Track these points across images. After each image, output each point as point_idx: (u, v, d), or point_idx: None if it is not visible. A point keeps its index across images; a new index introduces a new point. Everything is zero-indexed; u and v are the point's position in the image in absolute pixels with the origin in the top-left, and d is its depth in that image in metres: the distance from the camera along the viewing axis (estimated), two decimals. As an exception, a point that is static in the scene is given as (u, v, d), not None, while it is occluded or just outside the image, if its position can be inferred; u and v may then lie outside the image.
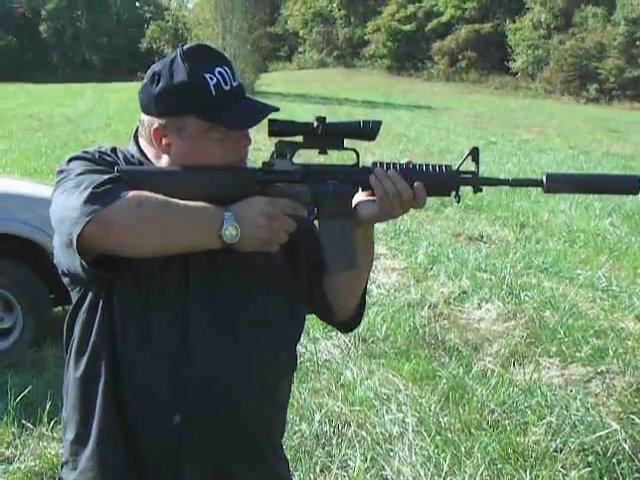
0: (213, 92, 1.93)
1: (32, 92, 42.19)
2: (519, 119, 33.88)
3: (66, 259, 1.86)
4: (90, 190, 1.76)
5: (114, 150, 2.05)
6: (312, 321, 5.74)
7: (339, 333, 6.04)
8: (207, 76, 1.93)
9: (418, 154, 18.68)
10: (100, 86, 49.48)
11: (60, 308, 6.48)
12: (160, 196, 1.82)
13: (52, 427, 4.67)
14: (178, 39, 60.10)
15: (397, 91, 52.48)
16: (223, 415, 1.97)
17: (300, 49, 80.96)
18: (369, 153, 15.82)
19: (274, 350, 2.07)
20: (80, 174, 1.85)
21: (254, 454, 2.07)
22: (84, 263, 1.79)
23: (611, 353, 6.00)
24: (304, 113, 27.05)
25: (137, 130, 2.07)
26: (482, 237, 10.46)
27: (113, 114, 27.69)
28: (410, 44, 67.99)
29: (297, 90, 49.15)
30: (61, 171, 1.92)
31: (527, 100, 50.45)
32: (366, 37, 71.93)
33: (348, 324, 2.30)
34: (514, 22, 61.55)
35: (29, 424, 4.72)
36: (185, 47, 1.98)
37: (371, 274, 2.27)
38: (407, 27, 68.45)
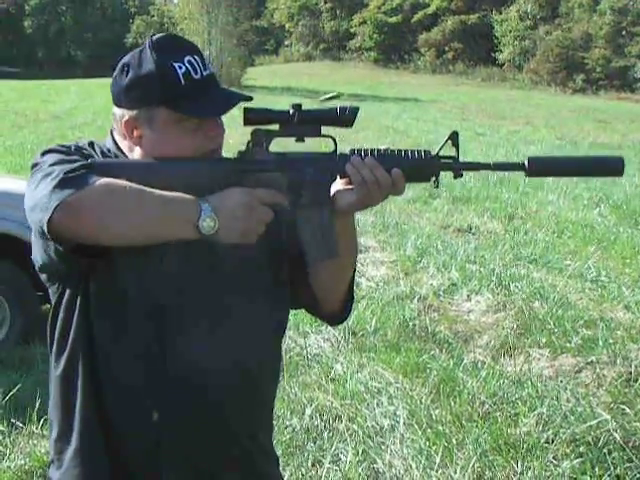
0: (182, 81, 1.90)
1: (17, 88, 41.98)
2: (506, 110, 33.94)
3: (40, 249, 1.85)
4: (61, 176, 1.73)
5: (91, 144, 2.03)
6: (302, 315, 5.73)
7: (329, 327, 6.03)
8: (176, 65, 1.90)
9: (406, 146, 18.49)
10: (85, 82, 49.25)
11: (48, 306, 6.46)
12: (134, 184, 1.78)
13: (42, 425, 4.64)
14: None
15: (384, 84, 52.46)
16: (201, 413, 1.96)
17: (286, 42, 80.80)
18: (356, 145, 15.78)
19: (254, 347, 2.04)
20: (52, 164, 1.82)
21: (235, 453, 2.05)
22: (59, 248, 1.77)
23: (601, 343, 6.01)
24: (291, 107, 26.97)
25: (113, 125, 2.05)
26: (470, 229, 10.47)
27: (99, 110, 27.55)
28: (396, 36, 67.89)
29: (284, 84, 49.07)
30: (35, 164, 1.89)
31: (514, 91, 50.48)
32: (352, 30, 71.79)
33: (336, 317, 2.26)
34: (500, 13, 61.53)
35: (18, 422, 4.70)
36: (154, 37, 1.96)
37: (360, 267, 2.25)
38: (393, 19, 68.33)
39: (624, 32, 53.38)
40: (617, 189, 12.85)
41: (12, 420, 4.73)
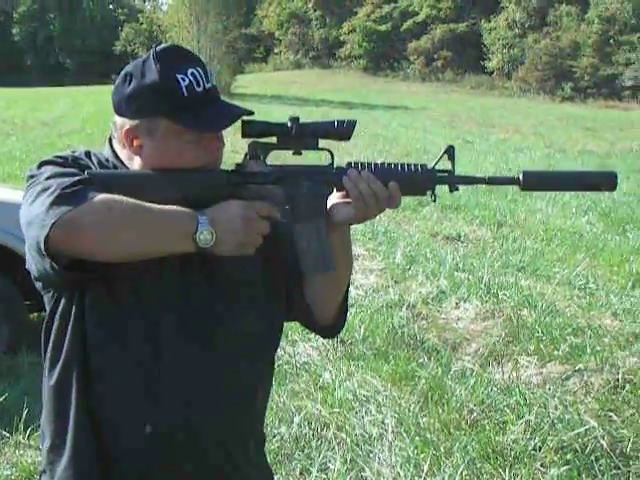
0: (185, 93, 1.89)
1: (5, 96, 41.87)
2: (495, 118, 34.04)
3: (36, 263, 1.82)
4: (58, 192, 1.72)
5: (88, 154, 2.01)
6: (291, 324, 5.71)
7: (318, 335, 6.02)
8: (179, 77, 1.89)
9: (395, 154, 18.72)
10: (74, 89, 49.24)
11: (36, 314, 6.43)
12: (131, 199, 1.78)
13: (29, 435, 4.62)
14: (152, 41, 59.63)
15: (373, 91, 52.56)
16: (194, 426, 1.94)
17: (276, 50, 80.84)
18: (346, 154, 15.82)
19: (249, 361, 2.03)
20: (49, 177, 1.80)
21: (227, 467, 2.04)
22: (55, 265, 1.75)
23: (589, 351, 6.03)
24: (281, 115, 27.04)
25: (112, 133, 2.03)
26: (460, 237, 10.49)
27: (88, 117, 27.56)
28: (386, 44, 68.10)
29: (273, 91, 49.11)
30: (31, 176, 1.87)
31: (503, 99, 50.66)
32: (342, 38, 71.92)
33: (330, 330, 2.26)
34: (489, 21, 61.79)
35: (5, 432, 4.68)
36: (158, 47, 1.95)
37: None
38: (382, 27, 68.52)
39: (612, 41, 53.65)
40: (605, 197, 12.89)
41: (-1, 429, 4.71)
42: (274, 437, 4.62)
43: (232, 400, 2.01)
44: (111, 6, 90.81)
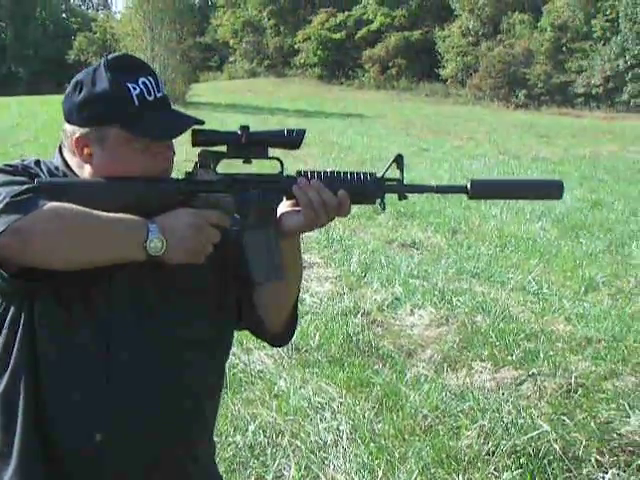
0: (136, 102, 1.90)
1: (-42, 105, 41.38)
2: (450, 126, 34.24)
3: None
4: (7, 200, 1.72)
5: (37, 162, 2.01)
6: (246, 332, 5.70)
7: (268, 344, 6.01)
8: (130, 86, 1.91)
9: (351, 162, 18.75)
10: (28, 98, 48.74)
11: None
12: (81, 207, 1.78)
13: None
14: (106, 50, 59.34)
15: (329, 100, 52.70)
16: (144, 435, 1.94)
17: (231, 59, 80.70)
18: (301, 162, 15.84)
19: (200, 369, 2.04)
20: None
21: (177, 474, 2.04)
22: (4, 273, 1.74)
23: (542, 356, 6.09)
24: (235, 123, 26.89)
25: (62, 141, 2.03)
26: (414, 243, 10.52)
27: (41, 127, 27.25)
28: (340, 52, 68.33)
29: (228, 100, 49.01)
30: None
31: (457, 107, 51.04)
32: (296, 46, 72.02)
33: (280, 338, 2.28)
34: (443, 29, 62.22)
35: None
36: (110, 56, 1.96)
37: (304, 283, 2.26)
38: (337, 35, 68.74)
39: (564, 48, 54.29)
40: (558, 203, 13.03)
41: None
42: (229, 445, 4.60)
43: (182, 408, 2.01)
44: (64, 15, 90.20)
